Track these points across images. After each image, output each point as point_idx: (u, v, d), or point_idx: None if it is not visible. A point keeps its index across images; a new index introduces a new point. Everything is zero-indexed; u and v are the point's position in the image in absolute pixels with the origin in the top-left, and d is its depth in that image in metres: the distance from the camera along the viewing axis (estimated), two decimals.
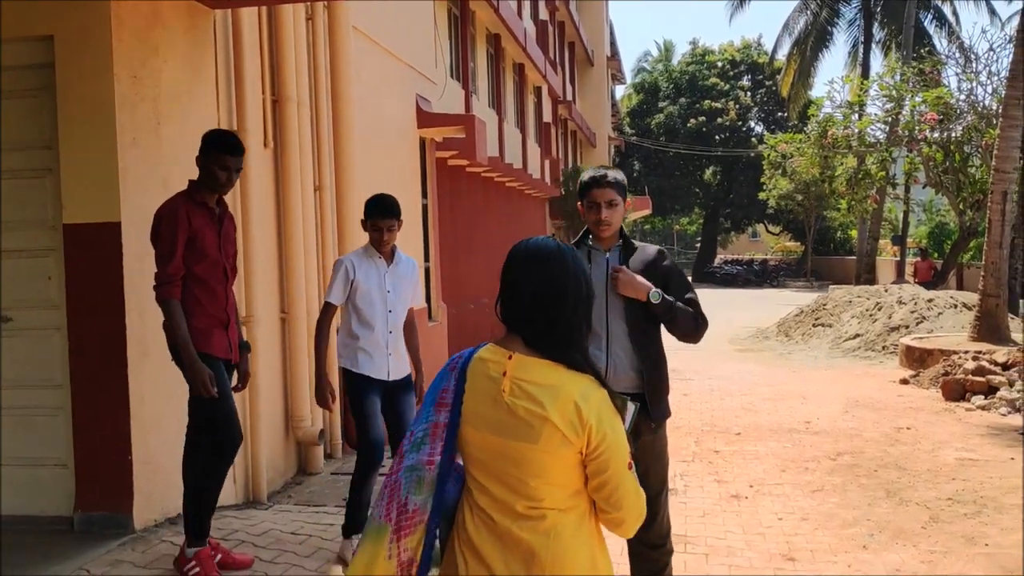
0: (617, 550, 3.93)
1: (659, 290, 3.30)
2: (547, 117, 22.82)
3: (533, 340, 2.01)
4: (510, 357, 2.01)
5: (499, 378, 2.00)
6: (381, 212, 4.43)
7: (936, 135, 20.36)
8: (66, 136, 4.55)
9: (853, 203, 24.18)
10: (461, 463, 2.11)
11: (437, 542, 2.09)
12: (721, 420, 8.65)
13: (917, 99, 20.75)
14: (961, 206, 20.55)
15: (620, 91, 48.71)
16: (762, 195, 35.32)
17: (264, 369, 5.70)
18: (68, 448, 4.66)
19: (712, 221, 46.63)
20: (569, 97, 27.19)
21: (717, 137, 42.76)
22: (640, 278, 3.31)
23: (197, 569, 3.97)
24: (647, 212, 33.75)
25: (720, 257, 49.63)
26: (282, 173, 6.10)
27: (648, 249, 3.49)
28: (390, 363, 4.48)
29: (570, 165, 26.28)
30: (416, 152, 9.33)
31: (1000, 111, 13.80)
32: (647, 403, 3.28)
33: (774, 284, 38.34)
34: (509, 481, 1.99)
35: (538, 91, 21.70)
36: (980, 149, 19.53)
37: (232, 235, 4.25)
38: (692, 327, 3.38)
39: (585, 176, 3.44)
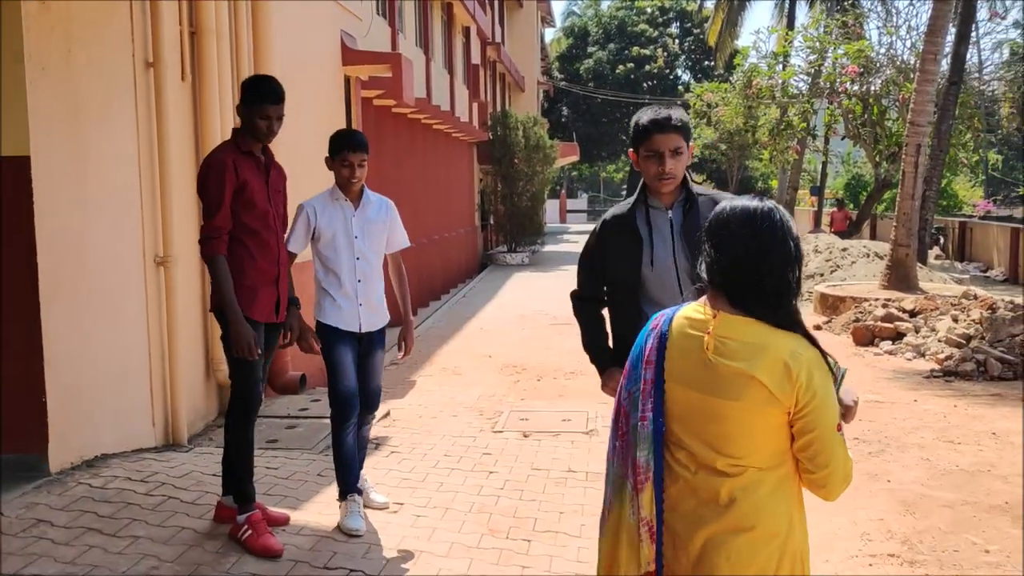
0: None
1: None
2: (475, 59, 22.51)
3: (739, 299, 2.01)
4: (715, 315, 2.02)
5: (703, 336, 2.01)
6: (351, 145, 4.10)
7: (856, 88, 20.81)
8: None
9: (775, 154, 24.60)
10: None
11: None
12: None
13: (839, 52, 21.12)
14: (877, 158, 21.13)
15: (550, 35, 48.29)
16: None
17: (183, 310, 5.58)
18: None
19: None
20: (498, 39, 26.84)
21: (645, 84, 42.91)
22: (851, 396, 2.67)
23: (249, 532, 3.88)
24: (575, 159, 33.81)
25: None
26: (201, 108, 5.91)
27: (717, 198, 2.95)
28: (361, 314, 4.18)
29: (498, 109, 26.05)
30: (340, 90, 9.12)
31: (917, 66, 14.16)
32: None
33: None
34: (709, 438, 2.01)
35: (466, 31, 21.35)
36: (897, 103, 20.04)
37: (280, 185, 4.08)
38: None
39: (643, 119, 2.89)
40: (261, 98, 3.84)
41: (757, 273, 1.98)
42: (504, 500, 4.79)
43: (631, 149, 3.00)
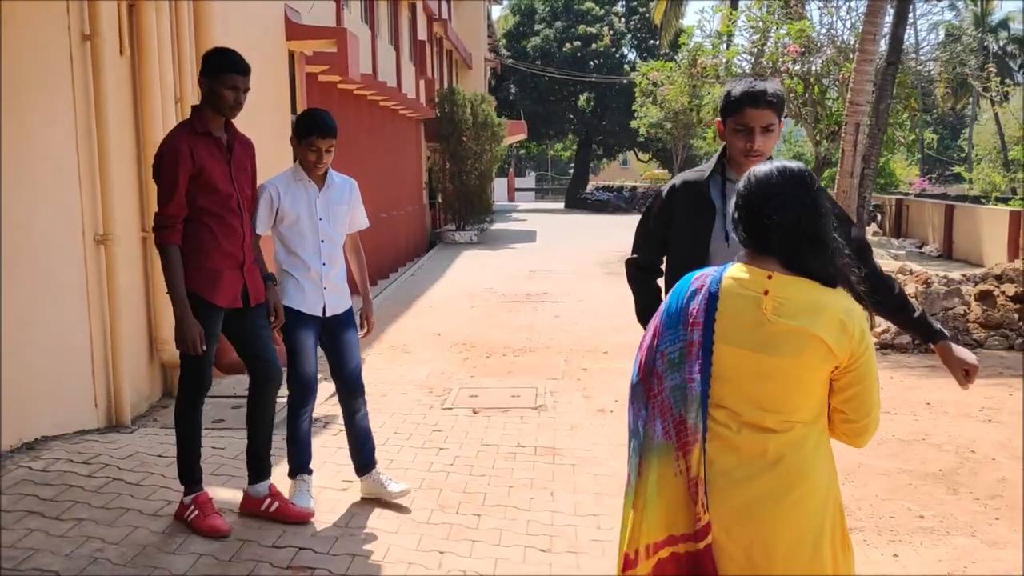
0: None
1: (941, 328, 2.75)
2: (422, 35, 22.28)
3: (791, 260, 2.05)
4: (769, 277, 2.05)
5: (759, 297, 2.04)
6: (321, 129, 3.92)
7: (797, 67, 21.11)
8: None
9: (718, 133, 24.88)
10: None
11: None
12: (589, 340, 8.92)
13: (782, 31, 21.40)
14: (817, 137, 21.46)
15: (496, 12, 48.01)
16: (633, 123, 35.89)
17: (125, 290, 5.48)
18: None
19: (585, 147, 47.11)
20: (445, 15, 26.59)
21: (591, 63, 42.91)
22: (966, 354, 2.68)
23: (196, 512, 3.82)
24: (523, 137, 33.75)
25: (592, 184, 50.38)
26: (140, 83, 5.77)
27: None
28: (326, 298, 4.09)
29: (445, 86, 25.86)
30: (285, 65, 8.97)
31: (857, 46, 14.42)
32: None
33: (643, 210, 39.24)
34: (758, 397, 2.05)
35: (412, 7, 21.11)
36: (837, 82, 20.36)
37: (245, 163, 3.89)
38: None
39: (736, 90, 2.70)
40: (229, 67, 3.68)
41: (816, 234, 2.04)
42: (454, 476, 4.82)
43: (718, 119, 2.82)
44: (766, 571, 2.05)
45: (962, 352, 2.71)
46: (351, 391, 4.28)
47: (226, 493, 4.28)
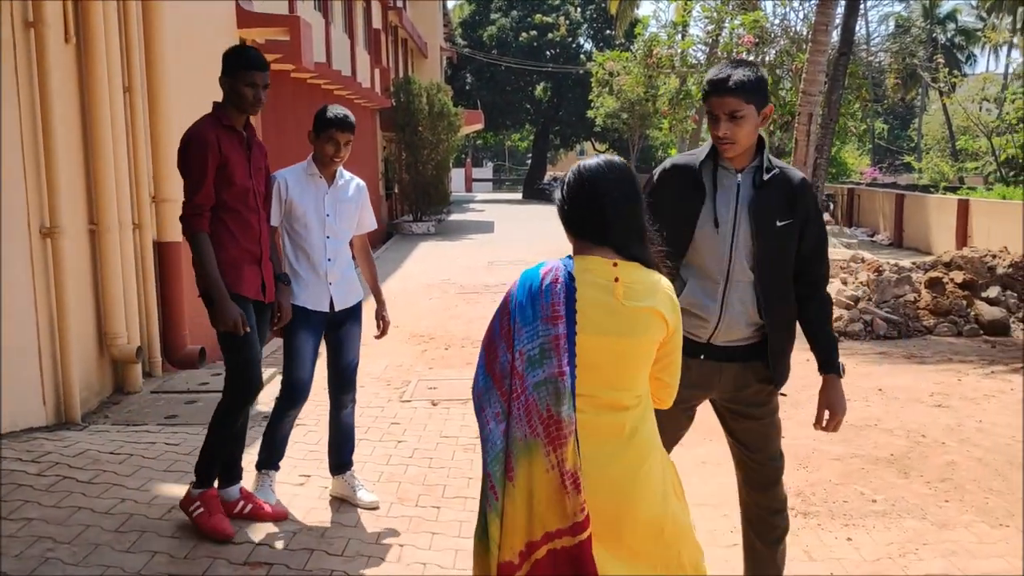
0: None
1: (840, 364, 2.88)
2: (377, 23, 22.08)
3: (626, 246, 2.20)
4: (615, 264, 2.19)
5: (610, 284, 2.16)
6: (340, 124, 3.92)
7: (752, 58, 21.33)
8: None
9: (674, 123, 25.07)
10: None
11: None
12: None
13: (736, 22, 21.59)
14: (771, 127, 21.76)
15: (452, 0, 47.78)
16: (590, 113, 35.98)
17: (73, 284, 5.35)
18: None
19: (542, 137, 47.13)
20: (399, 3, 26.39)
21: (548, 53, 42.91)
22: (843, 398, 2.89)
23: (201, 510, 3.72)
24: (480, 127, 33.66)
25: (549, 174, 50.44)
26: (87, 72, 5.62)
27: (791, 174, 2.75)
28: (332, 293, 4.05)
29: (401, 75, 25.67)
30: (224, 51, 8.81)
31: (809, 36, 14.61)
32: (769, 366, 2.84)
33: None
34: (616, 379, 2.17)
35: None
36: (790, 72, 20.64)
37: (261, 162, 3.85)
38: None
39: (706, 76, 2.70)
40: (248, 64, 3.66)
41: (642, 224, 2.23)
42: (413, 468, 4.80)
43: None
44: (631, 539, 2.17)
45: (837, 397, 2.88)
46: (342, 385, 4.24)
47: (180, 490, 4.20)
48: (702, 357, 2.80)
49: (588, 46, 44.16)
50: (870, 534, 4.00)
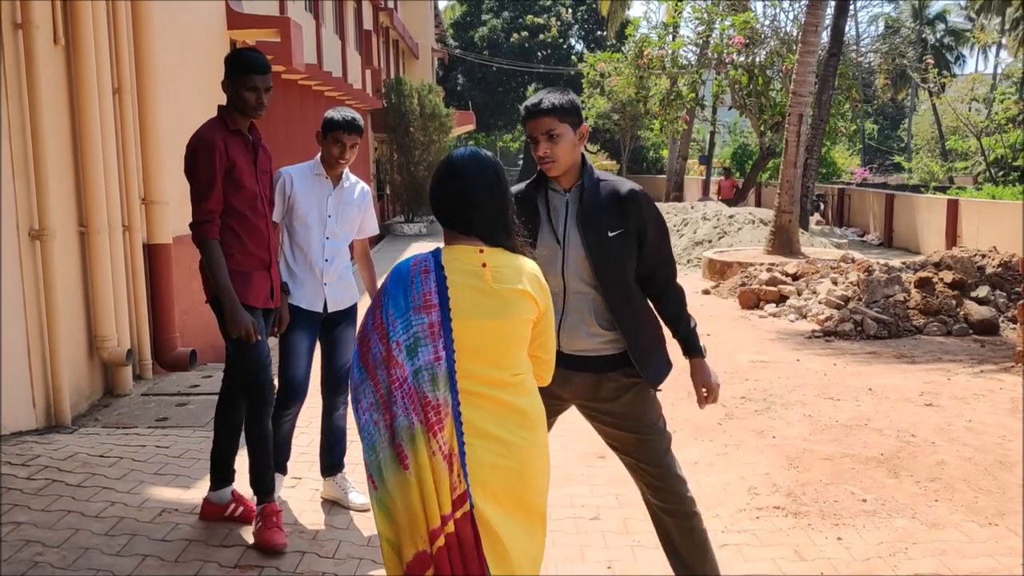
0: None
1: (701, 347, 3.00)
2: (368, 24, 22.06)
3: (491, 234, 2.33)
4: (481, 251, 2.31)
5: (478, 270, 2.29)
6: (348, 126, 3.94)
7: (742, 59, 21.40)
8: None
9: (665, 123, 25.13)
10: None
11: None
12: None
13: (726, 23, 21.64)
14: (762, 127, 21.83)
15: (443, 2, 47.79)
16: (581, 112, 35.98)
17: (63, 287, 5.33)
18: None
19: None
20: (390, 4, 26.36)
21: (539, 54, 42.97)
22: (711, 373, 3.00)
23: (260, 523, 3.69)
24: (471, 128, 33.67)
25: None
26: (76, 73, 5.60)
27: (619, 186, 2.88)
28: (327, 293, 4.04)
29: (392, 76, 25.65)
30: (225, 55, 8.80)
31: (799, 37, 14.65)
32: (636, 367, 2.89)
33: None
34: (496, 358, 2.29)
35: None
36: (781, 73, 20.71)
37: (266, 166, 3.82)
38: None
39: (524, 104, 2.86)
40: (247, 67, 3.60)
41: (500, 212, 2.35)
42: None
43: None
44: (527, 505, 2.32)
45: (707, 374, 3.00)
46: (335, 387, 4.21)
47: (171, 493, 4.20)
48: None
49: (579, 47, 44.23)
50: (860, 534, 4.01)
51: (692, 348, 3.02)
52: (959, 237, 16.40)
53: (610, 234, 2.83)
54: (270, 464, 3.80)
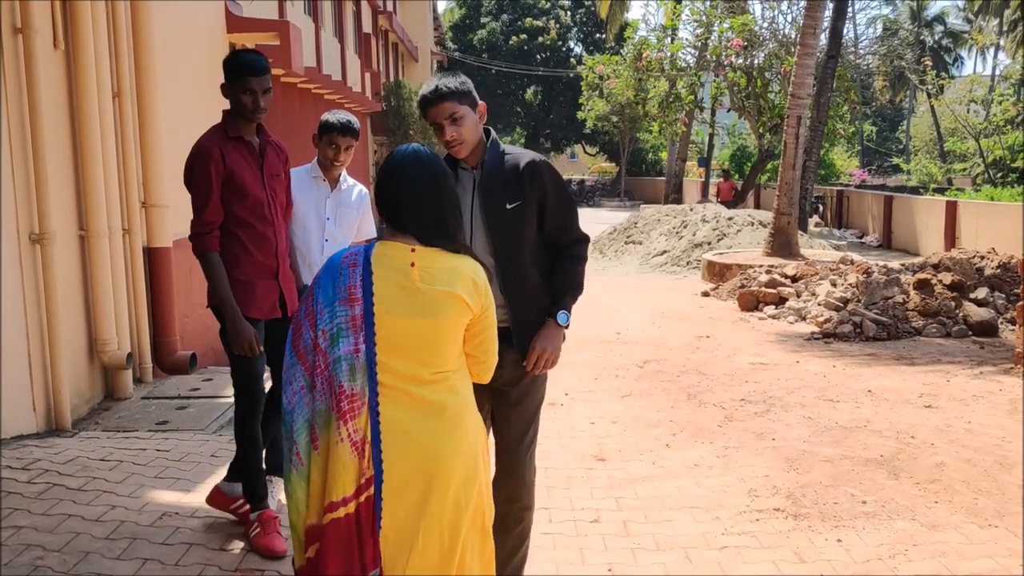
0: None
1: (563, 312, 2.95)
2: (367, 28, 22.10)
3: (424, 234, 2.33)
4: (413, 250, 2.32)
5: (406, 268, 2.30)
6: (342, 129, 3.93)
7: (741, 61, 21.43)
8: None
9: (664, 126, 25.18)
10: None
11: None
12: None
13: (725, 25, 21.68)
14: (760, 130, 21.87)
15: (442, 5, 47.85)
16: (580, 114, 36.04)
17: (63, 290, 5.33)
18: None
19: (533, 141, 47.22)
20: (390, 8, 26.40)
21: (538, 56, 43.03)
22: (554, 338, 2.94)
23: (258, 530, 3.69)
24: None
25: None
26: (76, 77, 5.60)
27: (520, 158, 2.94)
28: None
29: (391, 79, 25.68)
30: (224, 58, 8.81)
31: (798, 39, 14.67)
32: (514, 340, 2.92)
33: (590, 204, 39.57)
34: (420, 355, 2.32)
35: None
36: (779, 76, 20.75)
37: (277, 168, 3.75)
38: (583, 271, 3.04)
39: (420, 93, 2.92)
40: (242, 70, 3.54)
41: (438, 211, 2.35)
42: None
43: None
44: (441, 503, 2.32)
45: (550, 337, 2.94)
46: None
47: (171, 496, 4.21)
48: None
49: (578, 50, 44.28)
50: (860, 535, 4.02)
51: (559, 307, 2.98)
52: (958, 239, 16.41)
53: (508, 206, 2.89)
54: (260, 470, 3.80)
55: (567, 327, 3.00)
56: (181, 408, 5.80)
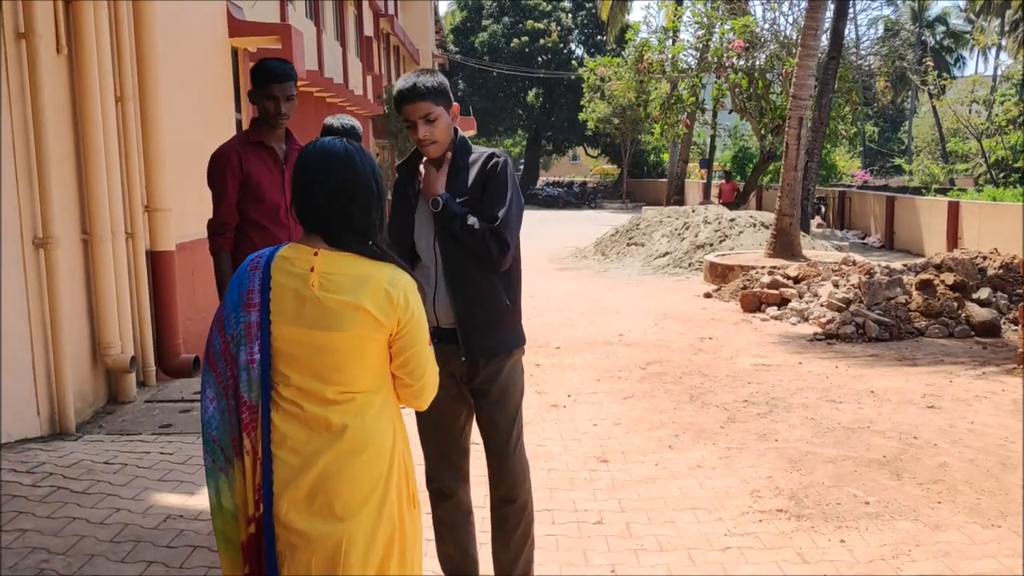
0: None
1: (446, 195, 2.84)
2: (368, 31, 22.13)
3: (333, 236, 2.11)
4: (316, 253, 2.10)
5: (306, 274, 2.09)
6: (346, 134, 3.89)
7: (742, 62, 21.44)
8: None
9: (666, 127, 25.17)
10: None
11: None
12: (542, 335, 8.95)
13: (726, 27, 21.68)
14: (762, 131, 21.87)
15: (444, 7, 47.94)
16: (581, 116, 36.05)
17: (66, 294, 5.35)
18: None
19: (535, 143, 47.23)
20: (391, 11, 26.44)
21: (540, 59, 43.05)
22: (440, 180, 2.86)
23: None
24: (472, 133, 33.71)
25: (542, 179, 50.54)
26: (79, 82, 5.62)
27: (481, 156, 2.93)
28: None
29: (393, 82, 25.71)
30: (228, 63, 8.83)
31: (799, 40, 14.68)
32: (460, 339, 2.89)
33: (592, 205, 39.59)
34: (320, 371, 2.10)
35: (359, 3, 20.95)
36: (780, 77, 20.75)
37: None
38: (481, 248, 2.82)
39: (394, 91, 2.87)
40: (265, 77, 3.64)
41: (348, 212, 2.11)
42: None
43: None
44: (335, 535, 2.09)
45: (434, 186, 2.86)
46: None
47: (175, 499, 4.22)
48: (436, 341, 2.69)
49: (579, 52, 44.30)
50: (863, 536, 4.02)
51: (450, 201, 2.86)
52: (960, 239, 16.40)
53: (456, 201, 2.86)
54: None
55: (437, 209, 2.85)
56: (184, 411, 5.81)
